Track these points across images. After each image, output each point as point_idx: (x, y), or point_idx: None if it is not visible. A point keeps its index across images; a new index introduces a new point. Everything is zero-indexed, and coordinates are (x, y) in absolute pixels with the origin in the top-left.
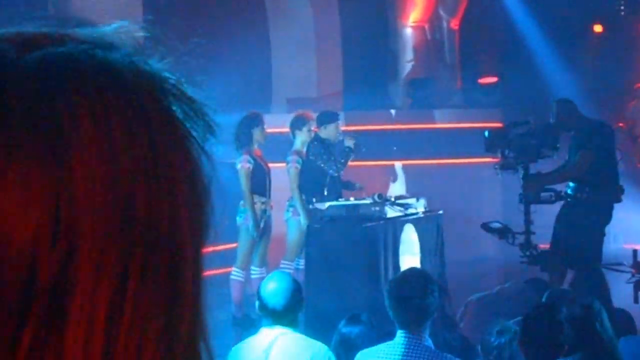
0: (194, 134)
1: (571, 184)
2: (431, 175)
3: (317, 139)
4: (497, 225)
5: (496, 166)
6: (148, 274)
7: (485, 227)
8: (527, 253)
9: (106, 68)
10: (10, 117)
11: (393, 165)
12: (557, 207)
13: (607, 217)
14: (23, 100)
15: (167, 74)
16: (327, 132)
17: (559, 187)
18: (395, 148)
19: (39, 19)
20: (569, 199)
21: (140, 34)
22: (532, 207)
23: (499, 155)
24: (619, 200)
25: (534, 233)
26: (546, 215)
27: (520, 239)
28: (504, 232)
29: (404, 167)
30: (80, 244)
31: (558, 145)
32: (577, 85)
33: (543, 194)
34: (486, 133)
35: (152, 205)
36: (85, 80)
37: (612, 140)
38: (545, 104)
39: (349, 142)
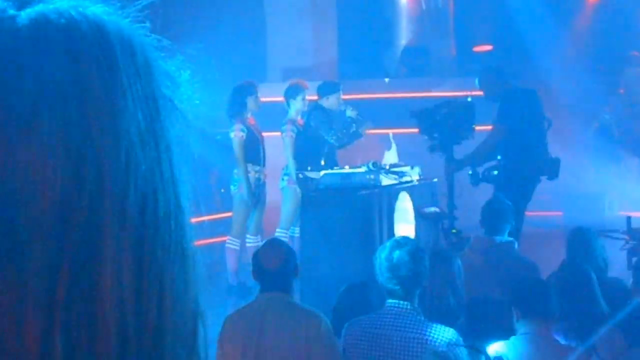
0: (173, 97)
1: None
2: (425, 143)
3: (319, 108)
4: (430, 210)
5: (428, 149)
6: (159, 216)
7: (419, 212)
8: (452, 239)
9: (99, 26)
10: (28, 79)
11: (387, 134)
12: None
13: (525, 193)
14: (34, 63)
15: (143, 34)
16: (329, 102)
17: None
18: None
19: None
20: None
21: None
22: (459, 190)
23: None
24: (547, 174)
25: (457, 218)
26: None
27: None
28: (437, 218)
29: (399, 136)
30: (104, 187)
31: (474, 126)
32: (575, 52)
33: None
34: (413, 114)
35: (154, 156)
36: (86, 42)
37: (534, 110)
38: (540, 72)
39: (351, 113)
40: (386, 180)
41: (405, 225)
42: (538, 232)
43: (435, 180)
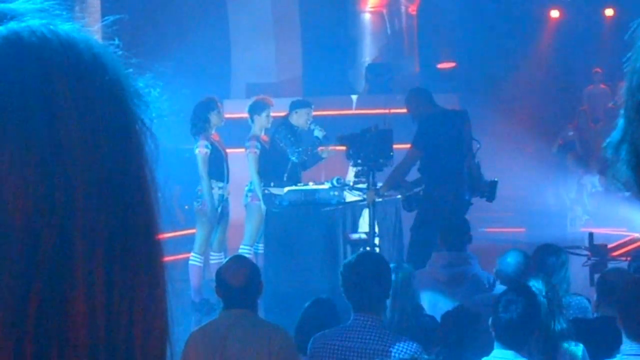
0: (142, 115)
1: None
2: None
3: (285, 124)
4: (356, 236)
5: (354, 175)
6: (129, 233)
7: (346, 236)
8: None
9: (71, 44)
10: None
11: None
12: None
13: (444, 215)
14: (4, 80)
15: (114, 50)
16: (298, 117)
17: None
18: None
19: None
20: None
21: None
22: (383, 214)
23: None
24: (483, 195)
25: (377, 245)
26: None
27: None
28: (361, 244)
29: None
30: (75, 204)
31: (392, 153)
32: (538, 69)
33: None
34: (340, 139)
35: (124, 174)
36: (57, 59)
37: (457, 132)
38: (503, 90)
39: (319, 133)
40: (350, 197)
41: None
42: (500, 249)
43: (399, 197)
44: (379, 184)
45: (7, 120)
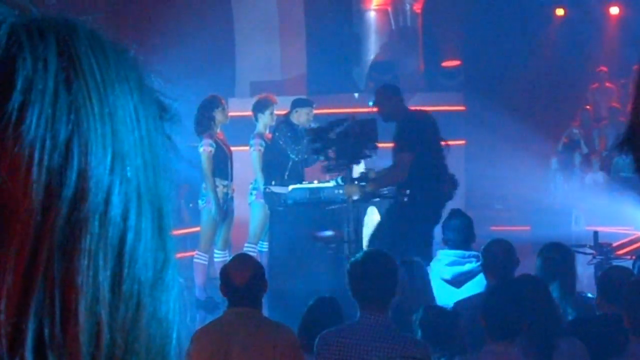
0: (158, 113)
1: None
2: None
3: (286, 122)
4: (325, 234)
5: (322, 170)
6: (142, 222)
7: (314, 237)
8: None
9: (95, 35)
10: (18, 78)
11: None
12: None
13: (432, 216)
14: (28, 64)
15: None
16: (298, 116)
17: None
18: None
19: None
20: (391, 200)
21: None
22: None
23: (322, 157)
24: (448, 197)
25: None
26: None
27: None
28: (330, 242)
29: None
30: (88, 184)
31: (377, 143)
32: (543, 67)
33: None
34: (308, 133)
35: (139, 166)
36: (82, 45)
37: (432, 133)
38: (509, 88)
39: None
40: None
41: None
42: None
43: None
44: (372, 174)
45: (26, 102)
